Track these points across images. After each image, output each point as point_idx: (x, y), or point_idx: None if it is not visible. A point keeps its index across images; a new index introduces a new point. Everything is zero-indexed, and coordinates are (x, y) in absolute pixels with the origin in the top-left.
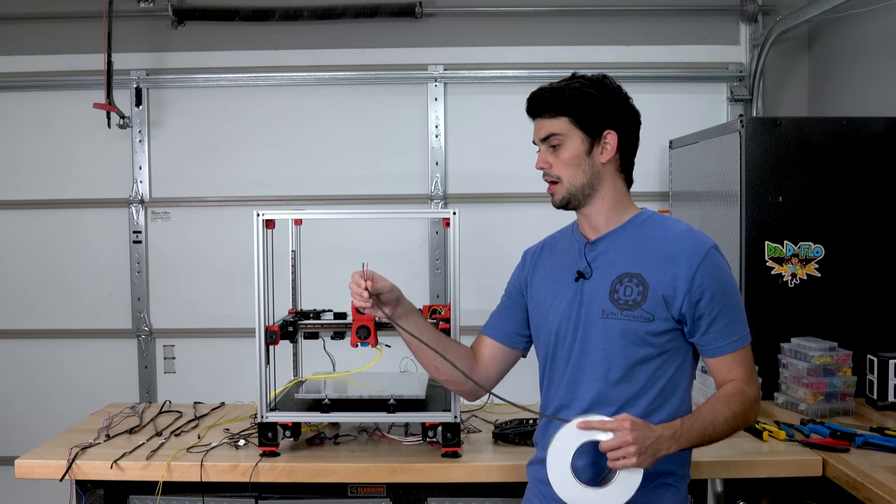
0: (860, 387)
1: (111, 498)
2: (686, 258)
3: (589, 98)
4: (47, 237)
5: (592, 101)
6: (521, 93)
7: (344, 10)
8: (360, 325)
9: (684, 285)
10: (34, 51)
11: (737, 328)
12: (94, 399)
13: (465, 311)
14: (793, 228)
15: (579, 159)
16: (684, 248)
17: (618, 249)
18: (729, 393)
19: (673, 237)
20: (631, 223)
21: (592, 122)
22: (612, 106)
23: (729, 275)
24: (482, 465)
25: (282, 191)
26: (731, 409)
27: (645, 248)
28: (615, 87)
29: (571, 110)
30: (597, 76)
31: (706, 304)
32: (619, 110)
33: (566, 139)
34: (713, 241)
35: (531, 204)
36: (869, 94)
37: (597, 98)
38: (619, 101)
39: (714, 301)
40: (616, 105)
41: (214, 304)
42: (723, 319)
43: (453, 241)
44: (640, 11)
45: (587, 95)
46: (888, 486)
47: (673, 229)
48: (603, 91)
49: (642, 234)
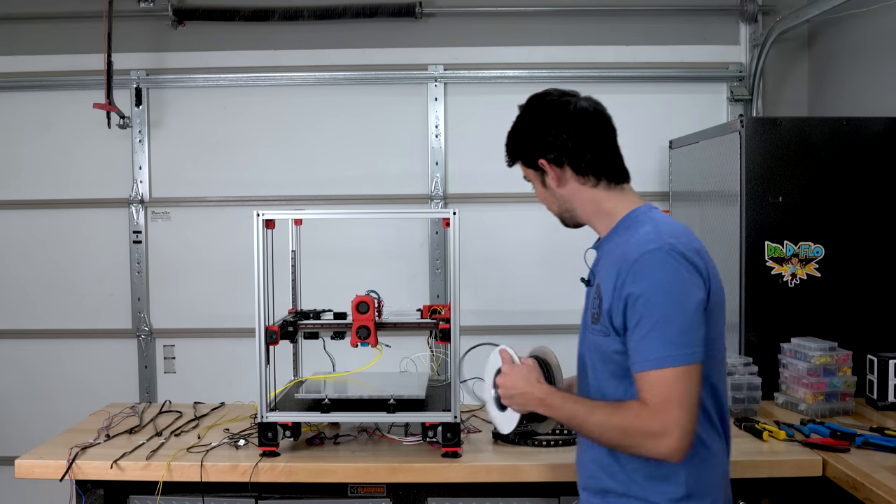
0: (860, 387)
1: (111, 498)
2: (621, 264)
3: (517, 136)
4: (47, 237)
5: (519, 137)
6: (521, 93)
7: (344, 10)
8: (360, 325)
9: (612, 293)
10: (34, 51)
11: (652, 346)
12: (94, 399)
13: (465, 311)
14: (793, 228)
15: (544, 194)
16: (626, 252)
17: (605, 256)
18: (619, 408)
19: (629, 241)
20: (618, 226)
21: (528, 157)
22: (535, 130)
23: (662, 283)
24: (482, 465)
25: (282, 191)
26: (610, 419)
27: (608, 256)
28: (536, 107)
29: (514, 154)
30: (527, 100)
31: (630, 310)
32: (542, 132)
33: (530, 178)
34: (659, 245)
35: (531, 204)
36: (869, 94)
37: (521, 132)
38: (541, 121)
39: (636, 308)
40: (539, 126)
41: (214, 304)
42: (640, 331)
43: (453, 241)
44: (640, 11)
45: (516, 134)
46: (888, 486)
47: (637, 232)
48: (526, 120)
49: (616, 238)
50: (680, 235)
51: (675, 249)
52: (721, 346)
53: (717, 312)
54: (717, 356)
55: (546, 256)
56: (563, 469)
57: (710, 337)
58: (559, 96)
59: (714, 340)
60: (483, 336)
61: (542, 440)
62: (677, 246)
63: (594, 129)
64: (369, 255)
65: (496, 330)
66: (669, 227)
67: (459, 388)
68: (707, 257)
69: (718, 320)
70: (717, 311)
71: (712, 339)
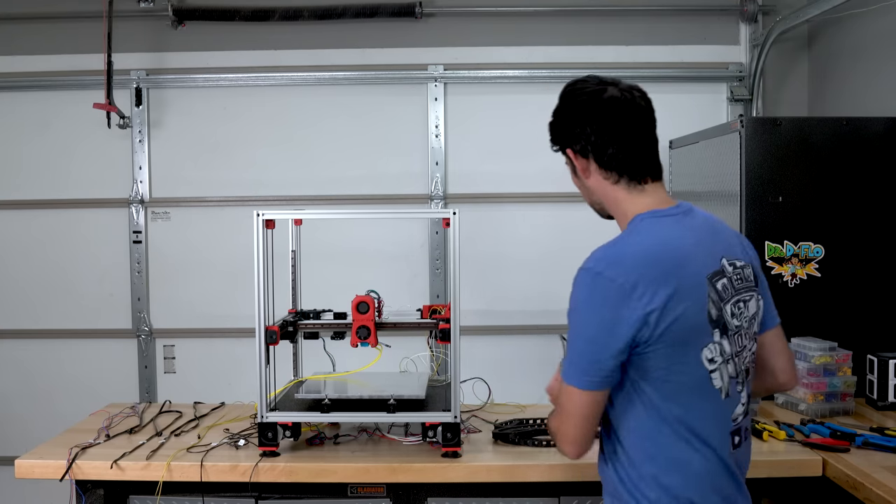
0: (860, 387)
1: (111, 498)
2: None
3: (552, 123)
4: (47, 237)
5: (553, 125)
6: (521, 93)
7: (344, 10)
8: (360, 325)
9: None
10: (34, 51)
11: (566, 358)
12: (94, 399)
13: (465, 311)
14: (793, 228)
15: (575, 181)
16: None
17: None
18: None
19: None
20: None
21: (560, 146)
22: (563, 121)
23: (574, 305)
24: (482, 465)
25: (282, 191)
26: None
27: None
28: (567, 95)
29: (552, 140)
30: (565, 86)
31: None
32: (569, 121)
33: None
34: (586, 266)
35: (531, 204)
36: (869, 94)
37: (555, 120)
38: (568, 110)
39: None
40: (566, 117)
41: (214, 304)
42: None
43: (453, 241)
44: (640, 11)
45: (552, 121)
46: (888, 486)
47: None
48: (559, 108)
49: None
50: (625, 259)
51: (600, 275)
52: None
53: (685, 334)
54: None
55: (546, 256)
56: (563, 469)
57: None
58: (595, 83)
59: (677, 364)
60: (483, 336)
61: (542, 440)
62: (606, 272)
63: (621, 122)
64: (369, 255)
65: (496, 330)
66: (620, 250)
67: (459, 388)
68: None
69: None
70: (683, 334)
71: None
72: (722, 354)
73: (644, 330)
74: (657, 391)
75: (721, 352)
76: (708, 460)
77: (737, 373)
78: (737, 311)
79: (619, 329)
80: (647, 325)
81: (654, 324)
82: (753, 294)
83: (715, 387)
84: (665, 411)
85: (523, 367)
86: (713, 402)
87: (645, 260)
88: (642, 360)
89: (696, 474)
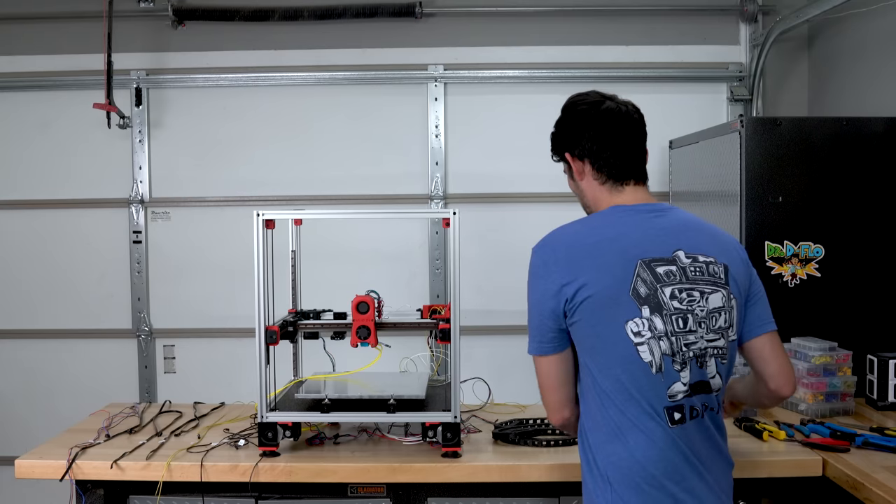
0: (860, 387)
1: (111, 498)
2: None
3: (554, 131)
4: (47, 237)
5: (554, 132)
6: (521, 93)
7: (344, 10)
8: (360, 325)
9: None
10: (34, 51)
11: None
12: (94, 399)
13: (465, 310)
14: (793, 228)
15: (571, 185)
16: None
17: None
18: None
19: None
20: None
21: (558, 151)
22: (564, 128)
23: (527, 279)
24: (482, 465)
25: (282, 191)
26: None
27: None
28: (569, 106)
29: (552, 148)
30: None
31: None
32: (569, 128)
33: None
34: (535, 244)
35: (531, 204)
36: (869, 94)
37: (556, 128)
38: (570, 119)
39: None
40: (567, 125)
41: (214, 304)
42: None
43: (453, 241)
44: (640, 11)
45: (554, 131)
46: (888, 486)
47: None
48: (561, 118)
49: None
50: (551, 239)
51: (534, 253)
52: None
53: (604, 306)
54: (607, 349)
55: None
56: (563, 469)
57: (583, 336)
58: (596, 97)
59: (602, 334)
60: (483, 336)
61: (542, 440)
62: (537, 248)
63: (615, 130)
64: (369, 255)
65: (496, 330)
66: (554, 233)
67: (459, 388)
68: (578, 262)
69: (607, 313)
70: (602, 305)
71: (597, 334)
72: (651, 330)
73: (562, 301)
74: (594, 362)
75: (650, 327)
76: (643, 431)
77: (673, 352)
78: (682, 297)
79: (547, 299)
80: (563, 295)
81: (570, 295)
82: (718, 290)
83: (643, 360)
84: (601, 381)
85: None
86: (644, 375)
87: (569, 241)
88: (573, 330)
89: (637, 444)
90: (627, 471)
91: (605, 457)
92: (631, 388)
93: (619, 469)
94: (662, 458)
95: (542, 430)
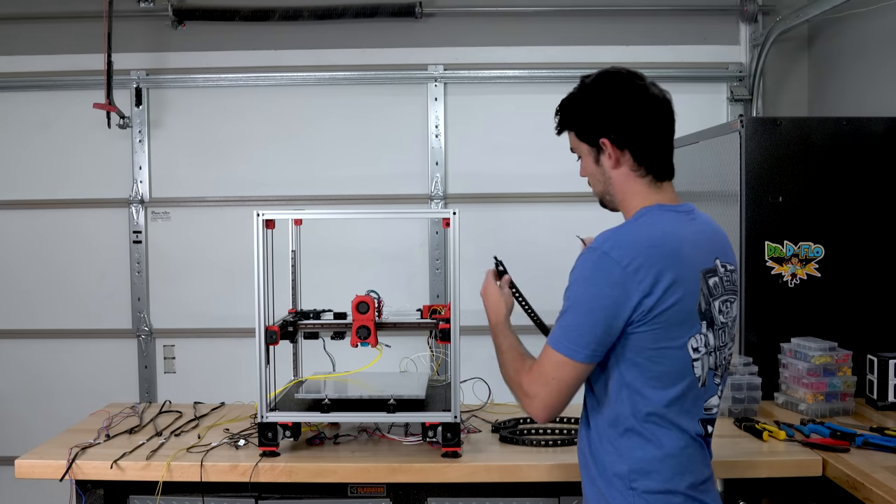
0: (860, 387)
1: (111, 498)
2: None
3: (582, 108)
4: (47, 237)
5: (585, 110)
6: (521, 93)
7: (344, 10)
8: (360, 325)
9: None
10: (34, 51)
11: (556, 326)
12: (94, 399)
13: (465, 311)
14: (793, 228)
15: (593, 171)
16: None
17: None
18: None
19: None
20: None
21: (589, 132)
22: (604, 109)
23: (580, 279)
24: (482, 465)
25: (282, 191)
26: (513, 362)
27: None
28: (610, 84)
29: (571, 124)
30: (597, 74)
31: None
32: (613, 111)
33: (581, 152)
34: (595, 247)
35: (531, 204)
36: (869, 94)
37: (589, 105)
38: (613, 99)
39: (565, 293)
40: (609, 106)
41: (214, 304)
42: (561, 311)
43: (453, 241)
44: (640, 11)
45: (581, 105)
46: (888, 486)
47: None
48: (595, 94)
49: None
50: (631, 245)
51: (607, 256)
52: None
53: (678, 320)
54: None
55: (546, 256)
56: (563, 469)
57: (655, 346)
58: (632, 77)
59: (665, 350)
60: (483, 336)
61: (542, 440)
62: (614, 253)
63: (664, 121)
64: (369, 255)
65: None
66: (631, 233)
67: (459, 388)
68: (661, 271)
69: (678, 327)
70: (677, 319)
71: (661, 349)
72: (706, 346)
73: (639, 311)
74: (641, 373)
75: (706, 343)
76: (680, 440)
77: (716, 365)
78: (724, 309)
79: (616, 308)
80: (642, 306)
81: (650, 306)
82: (736, 298)
83: (696, 374)
84: (646, 392)
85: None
86: (691, 389)
87: (648, 245)
88: (632, 339)
89: (672, 452)
90: (657, 479)
91: (634, 463)
92: (677, 401)
93: (648, 476)
94: (693, 470)
95: (542, 430)
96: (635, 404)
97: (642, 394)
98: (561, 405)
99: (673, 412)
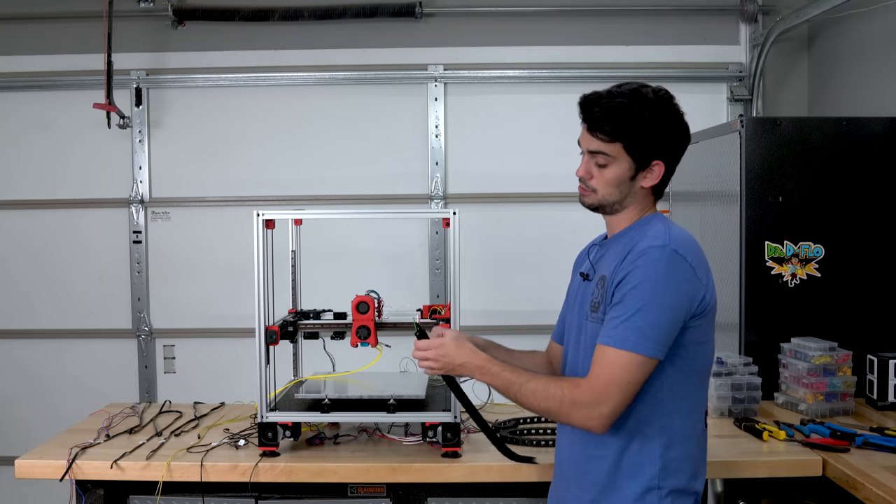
0: (860, 387)
1: (111, 498)
2: (628, 253)
3: (644, 126)
4: (47, 237)
5: (647, 129)
6: (521, 93)
7: (344, 10)
8: (360, 325)
9: (612, 276)
10: (34, 51)
11: (623, 327)
12: (94, 399)
13: (465, 310)
14: (793, 228)
15: (621, 182)
16: (637, 243)
17: (613, 252)
18: (559, 380)
19: (642, 236)
20: (633, 225)
21: (643, 151)
22: (666, 134)
23: (654, 277)
24: (482, 465)
25: (282, 191)
26: (548, 388)
27: (614, 249)
28: (672, 110)
29: (626, 137)
30: (658, 95)
31: (618, 290)
32: (672, 138)
33: (614, 161)
34: (665, 244)
35: (531, 204)
36: (869, 94)
37: (652, 126)
38: (674, 127)
39: (622, 290)
40: (669, 132)
41: (214, 304)
42: (618, 310)
43: (453, 241)
44: (640, 11)
45: (643, 123)
46: (888, 486)
47: (649, 230)
48: (659, 117)
49: (629, 233)
50: (686, 242)
51: (677, 252)
52: (711, 348)
53: (713, 318)
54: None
55: (546, 256)
56: None
57: (702, 340)
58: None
59: (705, 344)
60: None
61: (542, 440)
62: (680, 250)
63: (687, 141)
64: (369, 255)
65: (496, 330)
66: (679, 233)
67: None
68: (708, 268)
69: (714, 325)
70: (712, 319)
71: (704, 343)
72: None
73: (701, 305)
74: (683, 362)
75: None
76: (704, 430)
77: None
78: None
79: (690, 303)
80: (703, 301)
81: (707, 301)
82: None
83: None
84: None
85: None
86: (707, 381)
87: (696, 244)
88: (686, 333)
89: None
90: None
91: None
92: (706, 395)
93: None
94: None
95: (542, 430)
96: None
97: (682, 388)
98: (622, 407)
99: (703, 406)
